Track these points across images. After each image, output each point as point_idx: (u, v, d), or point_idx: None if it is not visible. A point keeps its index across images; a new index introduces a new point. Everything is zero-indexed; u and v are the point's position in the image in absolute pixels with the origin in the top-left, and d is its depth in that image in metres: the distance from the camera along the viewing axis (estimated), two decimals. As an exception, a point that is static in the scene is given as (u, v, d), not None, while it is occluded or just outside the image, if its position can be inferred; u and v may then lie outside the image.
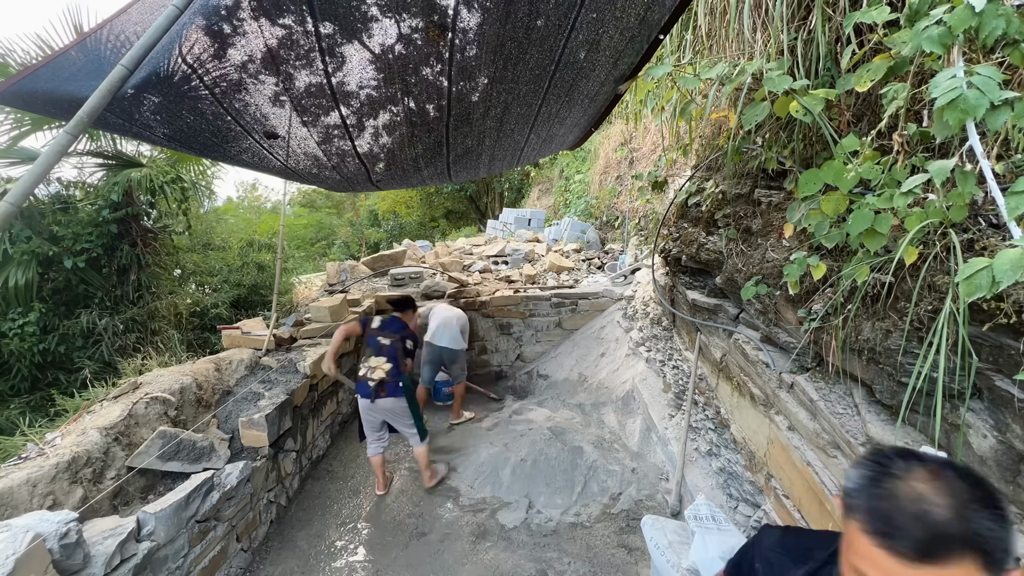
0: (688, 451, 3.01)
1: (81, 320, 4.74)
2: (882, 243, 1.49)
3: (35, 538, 1.61)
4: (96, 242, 4.84)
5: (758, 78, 1.91)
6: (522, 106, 2.21)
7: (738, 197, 2.73)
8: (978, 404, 1.44)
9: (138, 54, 1.20)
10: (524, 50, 1.78)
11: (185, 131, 1.98)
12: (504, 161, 3.10)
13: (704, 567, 1.96)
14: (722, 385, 2.98)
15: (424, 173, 2.89)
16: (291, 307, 5.56)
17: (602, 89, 2.26)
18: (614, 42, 1.85)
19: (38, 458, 2.15)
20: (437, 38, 1.67)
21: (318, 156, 2.46)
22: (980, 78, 1.16)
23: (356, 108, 2.04)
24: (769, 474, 2.36)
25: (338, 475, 3.66)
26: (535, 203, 13.26)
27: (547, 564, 2.66)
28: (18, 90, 1.61)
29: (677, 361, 3.75)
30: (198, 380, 2.99)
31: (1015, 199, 1.13)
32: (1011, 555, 0.60)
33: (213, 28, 1.51)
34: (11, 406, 4.32)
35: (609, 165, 8.39)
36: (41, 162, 1.11)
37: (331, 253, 17.34)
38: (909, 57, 1.48)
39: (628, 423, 3.83)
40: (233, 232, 7.57)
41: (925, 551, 0.60)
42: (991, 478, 1.38)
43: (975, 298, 1.10)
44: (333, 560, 2.81)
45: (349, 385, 3.59)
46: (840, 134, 1.88)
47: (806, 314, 2.02)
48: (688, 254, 3.27)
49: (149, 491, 2.45)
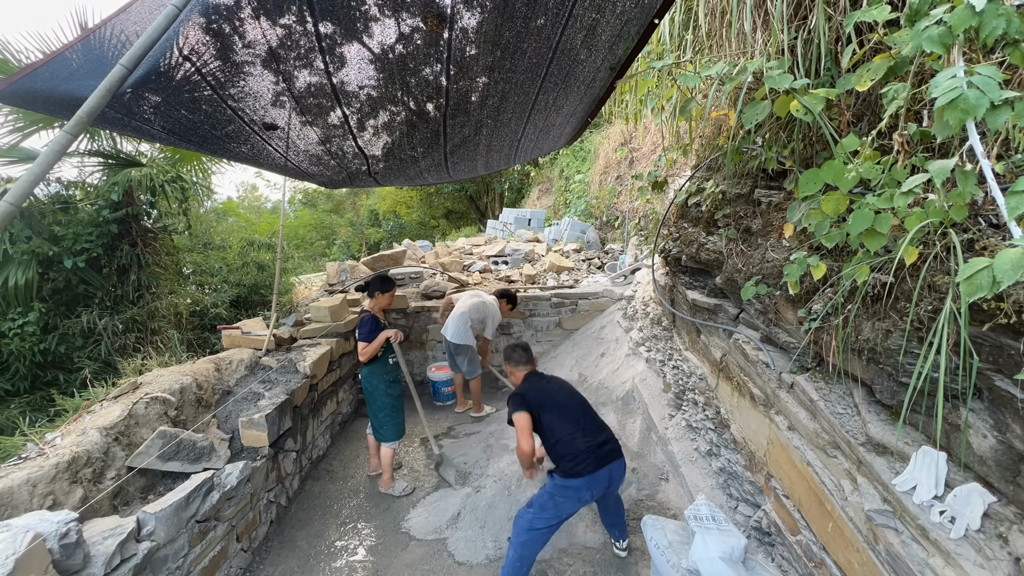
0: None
1: (81, 320, 4.74)
2: (882, 243, 1.49)
3: (35, 538, 1.61)
4: (96, 242, 4.84)
5: (758, 77, 1.91)
6: (519, 94, 2.22)
7: (738, 197, 2.73)
8: (978, 404, 1.44)
9: (137, 53, 1.20)
10: (522, 39, 1.78)
11: (184, 125, 1.98)
12: (501, 154, 3.10)
13: (704, 567, 1.96)
14: (722, 385, 2.98)
15: (422, 164, 2.89)
16: (291, 307, 5.56)
17: (598, 75, 2.26)
18: (611, 26, 1.85)
19: (38, 458, 2.15)
20: (436, 27, 1.67)
21: (317, 149, 2.47)
22: (980, 78, 1.15)
23: (353, 93, 2.05)
24: (769, 474, 2.36)
25: (338, 475, 3.66)
26: (535, 203, 13.27)
27: (547, 564, 2.66)
28: (18, 89, 1.61)
29: (677, 361, 3.74)
30: (198, 380, 2.99)
31: (1015, 199, 1.12)
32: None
33: (213, 27, 1.51)
34: (11, 406, 4.33)
35: (609, 165, 8.39)
36: (41, 162, 1.11)
37: (331, 253, 17.34)
38: (909, 57, 1.48)
39: (628, 423, 3.83)
40: (233, 232, 7.58)
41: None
42: (991, 478, 1.38)
43: (975, 298, 1.10)
44: (333, 560, 2.81)
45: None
46: (840, 134, 1.88)
47: (806, 314, 2.02)
48: (688, 254, 3.27)
49: (149, 491, 2.45)
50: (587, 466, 2.27)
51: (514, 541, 2.33)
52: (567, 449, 2.31)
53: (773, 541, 2.27)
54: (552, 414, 2.38)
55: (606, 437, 2.39)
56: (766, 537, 2.32)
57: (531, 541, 2.32)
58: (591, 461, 2.28)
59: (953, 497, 1.42)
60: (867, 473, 1.72)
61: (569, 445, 2.31)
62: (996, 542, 1.31)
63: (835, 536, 1.82)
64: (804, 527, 2.05)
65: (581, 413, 2.42)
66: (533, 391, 2.47)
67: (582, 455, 2.29)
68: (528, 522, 2.31)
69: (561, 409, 2.40)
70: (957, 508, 1.40)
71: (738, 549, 2.00)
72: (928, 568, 1.41)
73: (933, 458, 1.49)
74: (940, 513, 1.43)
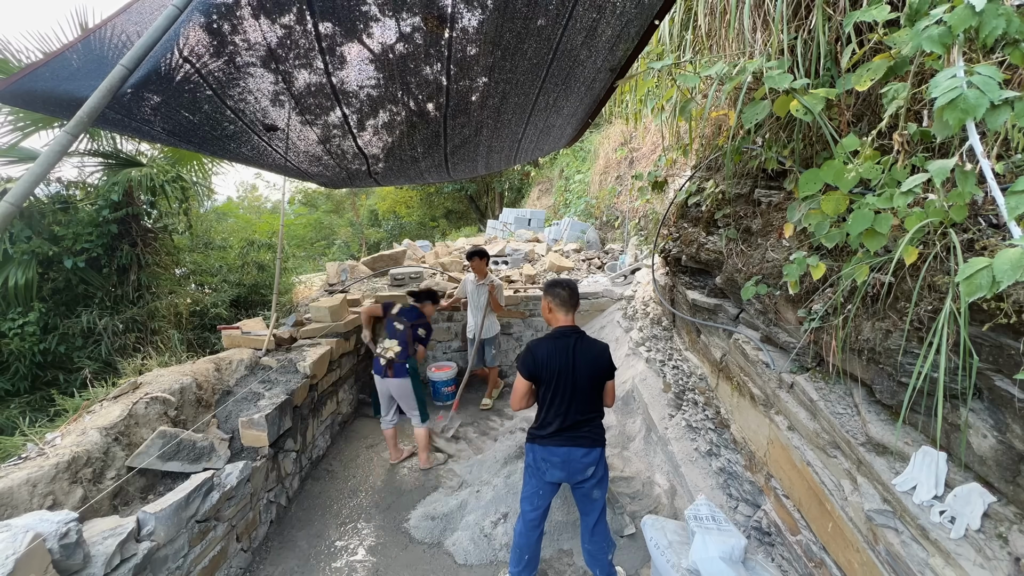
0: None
1: (81, 320, 4.74)
2: (882, 243, 1.49)
3: (35, 538, 1.61)
4: (96, 242, 4.84)
5: (758, 77, 1.91)
6: (519, 95, 2.22)
7: (738, 197, 2.73)
8: (978, 404, 1.44)
9: (138, 54, 1.20)
10: (522, 40, 1.78)
11: (184, 126, 1.99)
12: (502, 155, 3.10)
13: (704, 567, 1.96)
14: (722, 385, 2.98)
15: (422, 165, 2.90)
16: (291, 307, 5.56)
17: (598, 76, 2.26)
18: (611, 27, 1.85)
19: (38, 458, 2.15)
20: (436, 28, 1.67)
21: (316, 149, 2.47)
22: (980, 78, 1.15)
23: (353, 93, 2.05)
24: (769, 474, 2.36)
25: (338, 475, 3.66)
26: (535, 203, 13.27)
27: (547, 564, 2.66)
28: (18, 89, 1.61)
29: (677, 361, 3.74)
30: (198, 380, 2.99)
31: (1015, 199, 1.12)
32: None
33: (213, 26, 1.51)
34: (11, 406, 4.32)
35: (609, 165, 8.40)
36: (41, 162, 1.11)
37: (331, 253, 17.34)
38: (909, 57, 1.47)
39: (628, 423, 3.83)
40: (233, 232, 7.58)
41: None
42: (991, 478, 1.38)
43: (975, 298, 1.10)
44: (333, 560, 2.81)
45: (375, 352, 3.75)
46: (840, 134, 1.88)
47: (806, 314, 2.02)
48: (688, 254, 3.27)
49: (149, 491, 2.45)
50: (546, 438, 2.31)
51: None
52: (540, 417, 2.36)
53: (773, 541, 2.27)
54: (547, 389, 2.32)
55: (584, 425, 2.33)
56: (766, 537, 2.32)
57: (520, 525, 2.40)
58: (552, 436, 2.30)
59: (953, 497, 1.42)
60: (867, 473, 1.72)
61: (545, 415, 2.34)
62: (996, 542, 1.31)
63: (835, 536, 1.82)
64: (804, 527, 2.05)
65: (573, 398, 2.31)
66: (543, 358, 2.32)
67: (548, 427, 2.31)
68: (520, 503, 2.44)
69: (555, 389, 2.31)
70: (957, 508, 1.40)
71: (738, 549, 2.00)
72: (928, 568, 1.41)
73: (933, 458, 1.50)
74: (940, 513, 1.43)
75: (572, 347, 2.31)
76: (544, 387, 2.32)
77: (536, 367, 2.30)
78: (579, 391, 2.30)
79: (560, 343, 2.33)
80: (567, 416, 2.30)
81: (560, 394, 2.30)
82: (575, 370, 2.29)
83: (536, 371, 2.30)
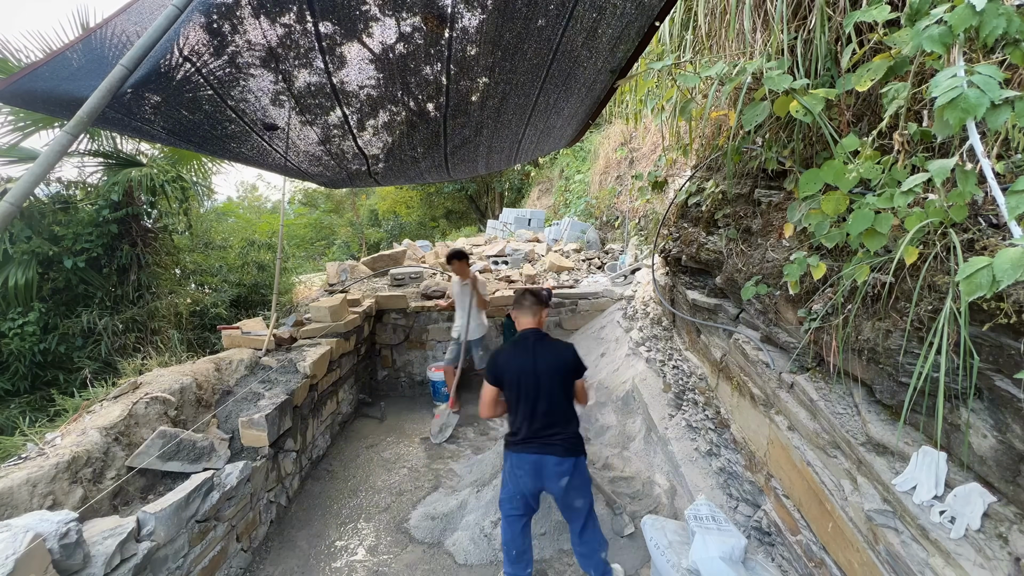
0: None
1: (81, 320, 4.74)
2: (882, 243, 1.49)
3: (35, 538, 1.61)
4: (96, 242, 4.83)
5: (758, 77, 1.91)
6: (519, 96, 2.22)
7: (738, 197, 2.73)
8: (978, 404, 1.44)
9: (138, 54, 1.20)
10: (522, 40, 1.78)
11: (185, 126, 1.99)
12: (502, 155, 3.10)
13: (704, 567, 1.96)
14: (722, 385, 2.98)
15: (422, 165, 2.90)
16: (291, 307, 5.56)
17: (599, 78, 2.26)
18: (611, 28, 1.85)
19: (38, 458, 2.15)
20: (436, 28, 1.67)
21: (317, 149, 2.47)
22: (980, 77, 1.15)
23: (353, 93, 2.05)
24: (769, 474, 2.36)
25: (338, 475, 3.66)
26: (535, 203, 13.27)
27: (547, 564, 2.66)
28: (18, 89, 1.61)
29: (677, 361, 3.74)
30: (198, 380, 2.99)
31: (1015, 198, 1.12)
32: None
33: (213, 26, 1.51)
34: (11, 406, 4.32)
35: (609, 165, 8.40)
36: (41, 162, 1.11)
37: (331, 253, 17.33)
38: (909, 56, 1.48)
39: (628, 423, 3.83)
40: (233, 232, 7.57)
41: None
42: (991, 478, 1.38)
43: (975, 298, 1.10)
44: (333, 560, 2.81)
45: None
46: (840, 134, 1.88)
47: (806, 314, 2.02)
48: (688, 254, 3.27)
49: (149, 491, 2.45)
50: (518, 444, 2.31)
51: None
52: (511, 422, 2.37)
53: (773, 541, 2.27)
54: (510, 392, 2.33)
55: (555, 431, 2.29)
56: (766, 537, 2.32)
57: (504, 522, 2.40)
58: (523, 443, 2.30)
59: (953, 497, 1.42)
60: (867, 473, 1.72)
61: (513, 419, 2.35)
62: (996, 542, 1.31)
63: (835, 536, 1.82)
64: (804, 527, 2.04)
65: (538, 398, 2.29)
66: (503, 362, 2.35)
67: (519, 432, 2.31)
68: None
69: (519, 390, 2.31)
70: (957, 508, 1.40)
71: (738, 549, 2.00)
72: (928, 568, 1.41)
73: (933, 458, 1.49)
74: (940, 513, 1.43)
75: (532, 347, 2.36)
76: (508, 390, 2.34)
77: (498, 370, 2.34)
78: (543, 391, 2.29)
79: (520, 345, 2.39)
80: (533, 418, 2.30)
81: (524, 395, 2.30)
82: (536, 369, 2.31)
83: (498, 374, 2.34)
